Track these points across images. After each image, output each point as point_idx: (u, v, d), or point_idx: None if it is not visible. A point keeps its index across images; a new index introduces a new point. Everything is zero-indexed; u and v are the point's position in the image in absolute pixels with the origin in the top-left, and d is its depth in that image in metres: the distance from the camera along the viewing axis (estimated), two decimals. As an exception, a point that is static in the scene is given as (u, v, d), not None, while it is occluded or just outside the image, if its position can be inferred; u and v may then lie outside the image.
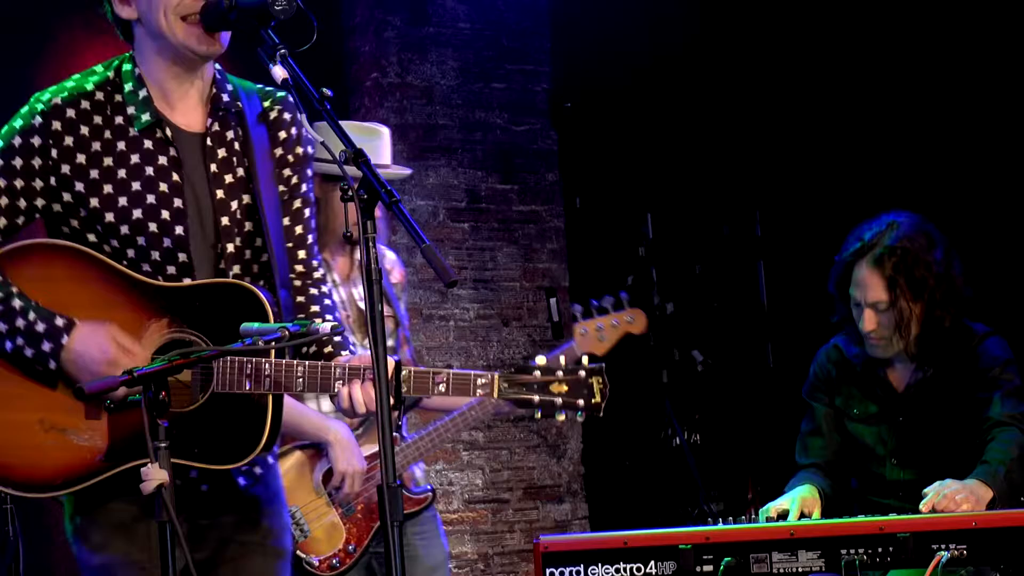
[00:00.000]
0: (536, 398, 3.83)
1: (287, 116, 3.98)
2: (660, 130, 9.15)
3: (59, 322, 3.67)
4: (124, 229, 3.74)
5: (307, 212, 4.01)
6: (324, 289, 4.04)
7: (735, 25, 8.89)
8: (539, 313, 8.59)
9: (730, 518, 4.85)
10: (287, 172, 3.97)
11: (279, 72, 3.52)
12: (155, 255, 3.75)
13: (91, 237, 3.76)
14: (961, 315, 5.25)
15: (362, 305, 5.41)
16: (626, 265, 9.26)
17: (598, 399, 3.88)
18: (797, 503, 5.01)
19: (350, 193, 3.30)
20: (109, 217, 3.73)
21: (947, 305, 5.19)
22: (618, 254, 9.29)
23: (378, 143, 5.45)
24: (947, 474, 4.94)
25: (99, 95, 3.80)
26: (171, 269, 3.77)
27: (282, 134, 3.97)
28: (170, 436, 3.44)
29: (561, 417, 3.91)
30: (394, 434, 5.28)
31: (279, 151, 3.96)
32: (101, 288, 3.73)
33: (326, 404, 5.30)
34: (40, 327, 3.66)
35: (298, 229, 4.00)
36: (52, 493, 3.70)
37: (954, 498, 4.77)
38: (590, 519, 8.69)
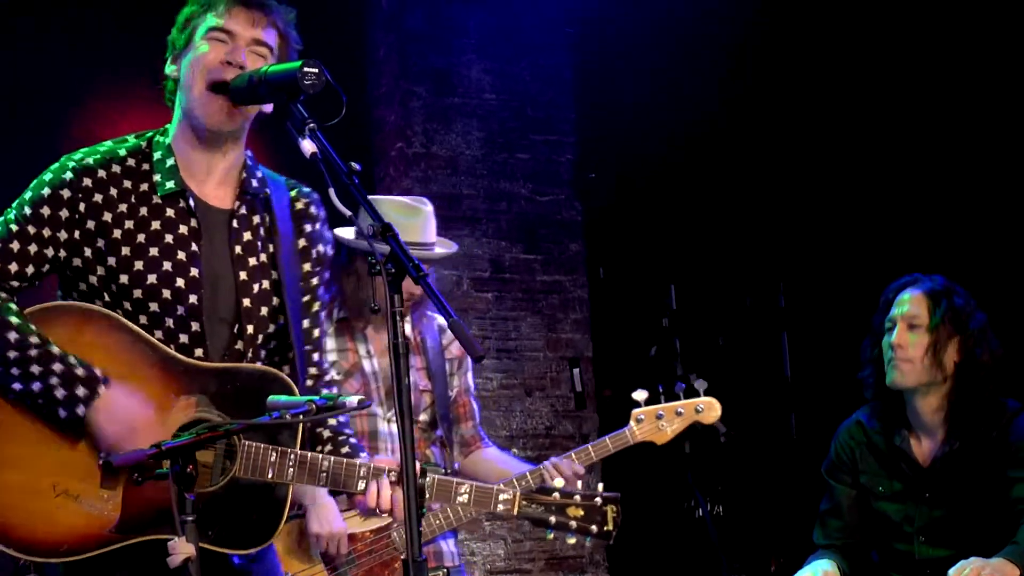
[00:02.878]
0: (552, 519, 4.15)
1: (313, 210, 4.03)
2: (684, 201, 9.17)
3: (98, 371, 3.67)
4: (137, 293, 3.75)
5: (323, 315, 4.06)
6: (336, 392, 4.08)
7: (759, 97, 8.92)
8: (562, 383, 8.58)
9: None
10: (307, 267, 4.00)
11: (308, 146, 3.51)
12: (168, 322, 3.76)
13: (105, 297, 3.76)
14: (996, 375, 5.18)
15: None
16: (649, 336, 9.26)
17: (610, 527, 4.18)
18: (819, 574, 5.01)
19: (377, 268, 3.31)
20: (123, 279, 3.74)
21: (984, 345, 5.13)
22: (641, 325, 9.29)
23: (418, 221, 5.41)
24: (976, 551, 4.90)
25: (130, 161, 3.84)
26: (183, 338, 3.78)
27: (307, 227, 4.01)
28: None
29: (572, 540, 4.21)
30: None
31: (303, 242, 3.99)
32: (132, 358, 3.74)
33: None
34: (80, 371, 3.65)
35: (315, 332, 4.04)
36: (55, 559, 3.67)
37: (979, 575, 4.73)
38: (612, 590, 8.65)
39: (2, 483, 3.67)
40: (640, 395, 5.42)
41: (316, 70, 3.59)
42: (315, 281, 4.03)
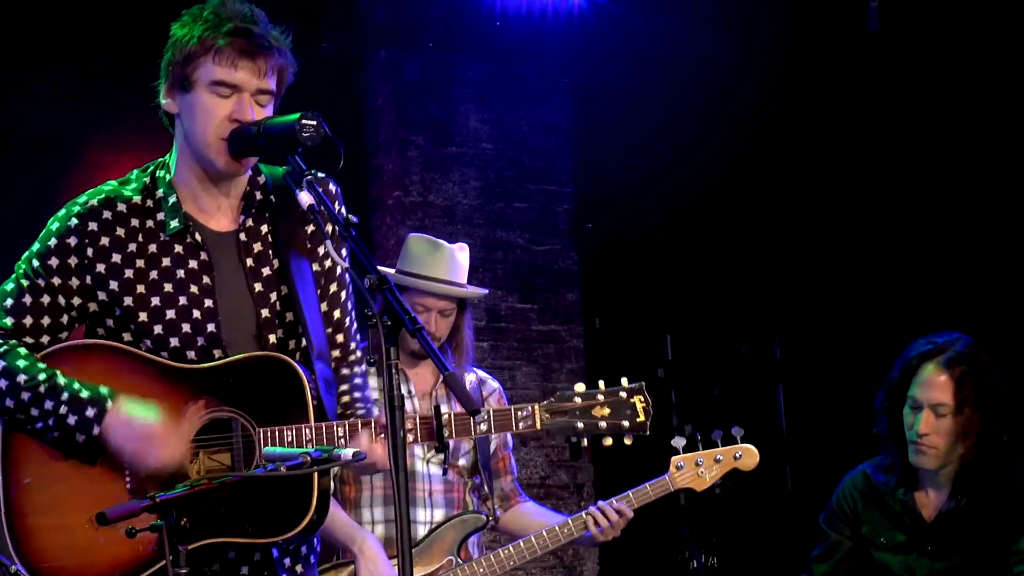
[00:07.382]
0: (580, 424, 3.96)
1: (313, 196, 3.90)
2: (680, 252, 9.18)
3: (103, 390, 3.72)
4: (158, 329, 3.79)
5: (343, 295, 4.05)
6: (358, 370, 4.09)
7: (756, 149, 8.94)
8: (557, 433, 8.55)
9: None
10: (321, 250, 3.98)
11: (305, 198, 3.59)
12: (190, 354, 3.80)
13: (126, 337, 3.82)
14: (1013, 440, 5.17)
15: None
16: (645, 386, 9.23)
17: (642, 418, 4.00)
18: None
19: (374, 320, 3.31)
20: (142, 316, 3.79)
21: (1004, 421, 5.12)
22: (637, 375, 9.25)
23: (439, 256, 5.45)
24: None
25: (135, 199, 3.87)
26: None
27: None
28: (219, 512, 3.58)
29: (608, 441, 3.99)
30: (455, 556, 5.33)
31: (311, 228, 3.97)
32: (136, 379, 3.78)
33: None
34: (84, 393, 3.71)
35: (336, 314, 4.03)
36: None
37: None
38: (606, 642, 8.61)
39: (42, 527, 3.75)
40: (679, 442, 5.40)
41: (314, 123, 3.62)
42: (328, 264, 4.01)
